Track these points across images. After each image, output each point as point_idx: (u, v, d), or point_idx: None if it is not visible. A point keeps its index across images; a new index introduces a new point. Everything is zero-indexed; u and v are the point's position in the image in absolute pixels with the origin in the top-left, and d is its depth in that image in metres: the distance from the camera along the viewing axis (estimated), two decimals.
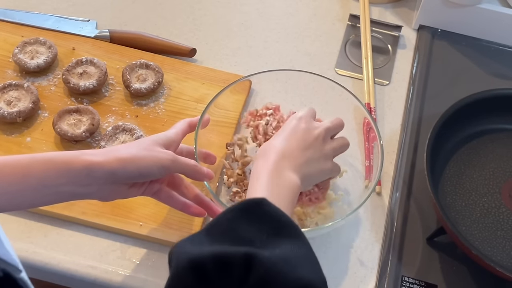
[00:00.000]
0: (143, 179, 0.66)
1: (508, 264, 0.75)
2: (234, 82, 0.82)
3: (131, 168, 0.63)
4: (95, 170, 0.61)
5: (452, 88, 0.95)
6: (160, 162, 0.65)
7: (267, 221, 0.55)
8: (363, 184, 0.81)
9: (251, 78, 0.84)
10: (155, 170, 0.65)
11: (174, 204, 0.72)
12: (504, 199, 0.80)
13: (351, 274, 0.76)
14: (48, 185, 0.60)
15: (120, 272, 0.74)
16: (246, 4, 1.06)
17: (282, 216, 0.56)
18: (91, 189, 0.63)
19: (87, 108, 0.85)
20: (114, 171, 0.62)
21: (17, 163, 0.59)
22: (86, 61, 0.90)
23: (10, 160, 0.59)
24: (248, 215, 0.55)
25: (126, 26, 1.00)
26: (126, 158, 0.63)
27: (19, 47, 0.91)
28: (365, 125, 0.85)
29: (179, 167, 0.68)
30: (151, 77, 0.89)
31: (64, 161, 0.61)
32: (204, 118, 0.77)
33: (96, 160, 0.62)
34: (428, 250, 0.78)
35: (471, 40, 1.02)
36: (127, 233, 0.76)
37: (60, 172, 0.60)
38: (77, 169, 0.61)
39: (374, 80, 0.95)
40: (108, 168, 0.62)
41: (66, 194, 0.62)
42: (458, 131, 0.84)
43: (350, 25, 1.04)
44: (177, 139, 0.71)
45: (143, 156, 0.64)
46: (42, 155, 0.61)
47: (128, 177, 0.64)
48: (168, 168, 0.66)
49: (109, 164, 0.62)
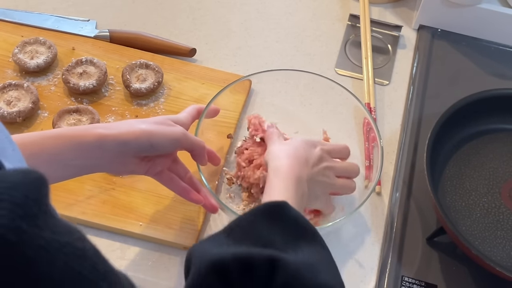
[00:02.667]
0: (154, 151, 0.66)
1: (508, 264, 0.75)
2: (235, 82, 0.82)
3: (143, 139, 0.64)
4: (107, 141, 0.62)
5: (452, 88, 0.95)
6: (172, 135, 0.66)
7: (289, 224, 0.55)
8: (363, 184, 0.81)
9: (251, 78, 0.84)
10: (166, 143, 0.66)
11: (174, 187, 0.72)
12: (504, 199, 0.80)
13: (351, 274, 0.76)
14: (60, 160, 0.60)
15: None
16: (246, 4, 1.06)
17: (303, 220, 0.56)
18: (102, 162, 0.63)
19: (87, 108, 0.85)
20: (126, 142, 0.63)
21: (29, 140, 0.60)
22: (86, 61, 0.90)
23: (21, 138, 0.60)
24: (270, 218, 0.55)
25: (126, 26, 1.00)
26: (139, 131, 0.64)
27: (19, 47, 0.91)
28: (365, 125, 0.85)
29: (190, 142, 0.69)
30: (151, 77, 0.89)
31: (76, 135, 0.61)
32: (213, 108, 0.78)
33: (109, 133, 0.62)
34: (428, 250, 0.78)
35: (471, 40, 1.02)
36: (127, 233, 0.76)
37: (73, 146, 0.61)
38: (89, 141, 0.61)
39: (374, 80, 0.95)
40: (120, 140, 0.62)
41: (76, 168, 0.63)
42: (458, 131, 0.84)
43: (350, 25, 1.04)
44: (187, 122, 0.73)
45: (155, 129, 0.65)
46: (53, 131, 0.62)
47: (139, 149, 0.65)
48: (179, 141, 0.67)
49: (121, 135, 0.63)
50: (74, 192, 0.78)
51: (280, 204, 0.57)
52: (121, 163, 0.65)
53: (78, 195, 0.78)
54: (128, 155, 0.65)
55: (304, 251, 0.53)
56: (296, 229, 0.55)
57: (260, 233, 0.54)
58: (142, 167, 0.68)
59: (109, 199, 0.78)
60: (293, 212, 0.56)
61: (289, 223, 0.55)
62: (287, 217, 0.56)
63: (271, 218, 0.55)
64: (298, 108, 0.88)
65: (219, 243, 0.54)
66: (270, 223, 0.55)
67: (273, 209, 0.56)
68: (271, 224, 0.55)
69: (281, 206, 0.56)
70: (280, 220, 0.55)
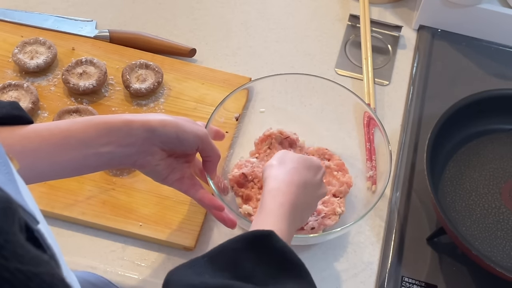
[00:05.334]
0: (179, 144, 0.66)
1: (508, 264, 0.75)
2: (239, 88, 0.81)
3: (170, 129, 0.64)
4: (134, 126, 0.62)
5: (452, 88, 0.95)
6: (197, 132, 0.66)
7: (274, 257, 0.54)
8: (364, 184, 0.80)
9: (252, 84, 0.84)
10: (191, 137, 0.66)
11: (195, 193, 0.70)
12: (504, 199, 0.80)
13: (351, 274, 0.76)
14: (89, 145, 0.60)
15: (119, 272, 0.74)
16: (246, 4, 1.06)
17: (290, 253, 0.54)
18: (131, 150, 0.63)
19: (87, 108, 0.85)
20: (154, 129, 0.63)
21: (56, 127, 0.60)
22: (86, 61, 0.90)
23: (48, 125, 0.60)
24: (255, 248, 0.54)
25: (126, 26, 1.00)
26: (166, 119, 0.64)
27: (18, 47, 0.91)
28: (365, 125, 0.85)
29: (210, 145, 0.69)
30: (151, 77, 0.89)
31: (104, 121, 0.61)
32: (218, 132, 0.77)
33: (136, 118, 0.63)
34: (428, 250, 0.78)
35: (471, 40, 1.02)
36: (127, 233, 0.76)
37: (100, 131, 0.60)
38: (117, 126, 0.61)
39: (374, 80, 0.95)
40: (147, 125, 0.62)
41: (106, 156, 0.62)
42: (458, 131, 0.84)
43: (350, 25, 1.03)
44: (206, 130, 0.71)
45: (181, 123, 0.65)
46: (80, 118, 0.62)
47: (166, 138, 0.64)
48: (202, 139, 0.67)
49: (148, 122, 0.63)
50: (74, 192, 0.78)
51: (267, 234, 0.54)
52: (149, 151, 0.65)
53: (78, 196, 0.78)
54: (154, 143, 0.64)
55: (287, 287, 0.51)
56: (282, 262, 0.53)
57: (243, 264, 0.52)
58: (167, 164, 0.67)
59: (109, 199, 0.78)
60: (280, 244, 0.54)
61: (275, 256, 0.54)
62: (274, 249, 0.54)
63: (256, 248, 0.53)
64: (298, 108, 0.88)
65: (199, 270, 0.52)
66: (254, 253, 0.53)
67: (259, 238, 0.54)
68: (256, 255, 0.53)
69: (268, 237, 0.54)
70: (265, 251, 0.54)
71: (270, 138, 0.82)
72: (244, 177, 0.78)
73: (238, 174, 0.78)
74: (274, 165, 0.68)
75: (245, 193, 0.77)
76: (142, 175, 0.71)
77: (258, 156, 0.82)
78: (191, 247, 0.75)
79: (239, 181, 0.78)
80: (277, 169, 0.67)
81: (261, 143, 0.82)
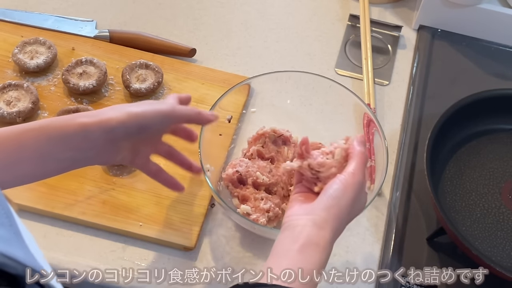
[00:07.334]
0: (143, 131, 0.63)
1: (508, 264, 0.75)
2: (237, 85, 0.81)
3: (131, 123, 0.60)
4: (91, 130, 0.58)
5: (452, 88, 0.95)
6: (160, 111, 0.63)
7: None
8: None
9: (252, 80, 0.84)
10: (155, 120, 0.62)
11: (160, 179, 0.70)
12: (504, 199, 0.80)
13: (351, 274, 0.76)
14: (45, 154, 0.57)
15: (119, 272, 0.74)
16: (246, 4, 1.06)
17: None
18: (91, 153, 0.60)
19: (87, 108, 0.85)
20: (113, 128, 0.59)
21: (9, 134, 0.56)
22: (86, 61, 0.90)
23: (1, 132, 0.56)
24: None
25: (126, 26, 1.00)
26: (125, 114, 0.60)
27: (18, 47, 0.91)
28: (365, 125, 0.85)
29: (181, 113, 0.65)
30: (151, 77, 0.89)
31: (57, 127, 0.57)
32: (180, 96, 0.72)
33: (92, 121, 0.58)
34: (428, 250, 0.78)
35: (471, 40, 1.02)
36: (127, 233, 0.76)
37: (54, 139, 0.57)
38: (72, 131, 0.57)
39: (374, 80, 0.95)
40: (106, 127, 0.58)
41: (67, 162, 0.59)
42: (458, 131, 0.84)
43: (350, 25, 1.03)
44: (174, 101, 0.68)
45: (141, 110, 0.61)
46: (35, 123, 0.57)
47: (128, 133, 0.61)
48: (168, 115, 0.63)
49: (107, 122, 0.59)
50: (74, 192, 0.78)
51: None
52: (112, 150, 0.61)
53: (78, 196, 0.78)
54: (117, 141, 0.61)
55: None
56: None
57: None
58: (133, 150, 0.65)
59: (109, 199, 0.78)
60: None
61: None
62: None
63: None
64: (298, 108, 0.88)
65: None
66: None
67: None
68: None
69: None
70: None
71: (263, 136, 0.82)
72: (239, 176, 0.77)
73: (232, 173, 0.77)
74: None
75: (241, 193, 0.77)
76: (142, 175, 0.71)
77: (250, 156, 0.81)
78: (191, 247, 0.75)
79: (233, 180, 0.78)
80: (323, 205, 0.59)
81: (254, 141, 0.82)
